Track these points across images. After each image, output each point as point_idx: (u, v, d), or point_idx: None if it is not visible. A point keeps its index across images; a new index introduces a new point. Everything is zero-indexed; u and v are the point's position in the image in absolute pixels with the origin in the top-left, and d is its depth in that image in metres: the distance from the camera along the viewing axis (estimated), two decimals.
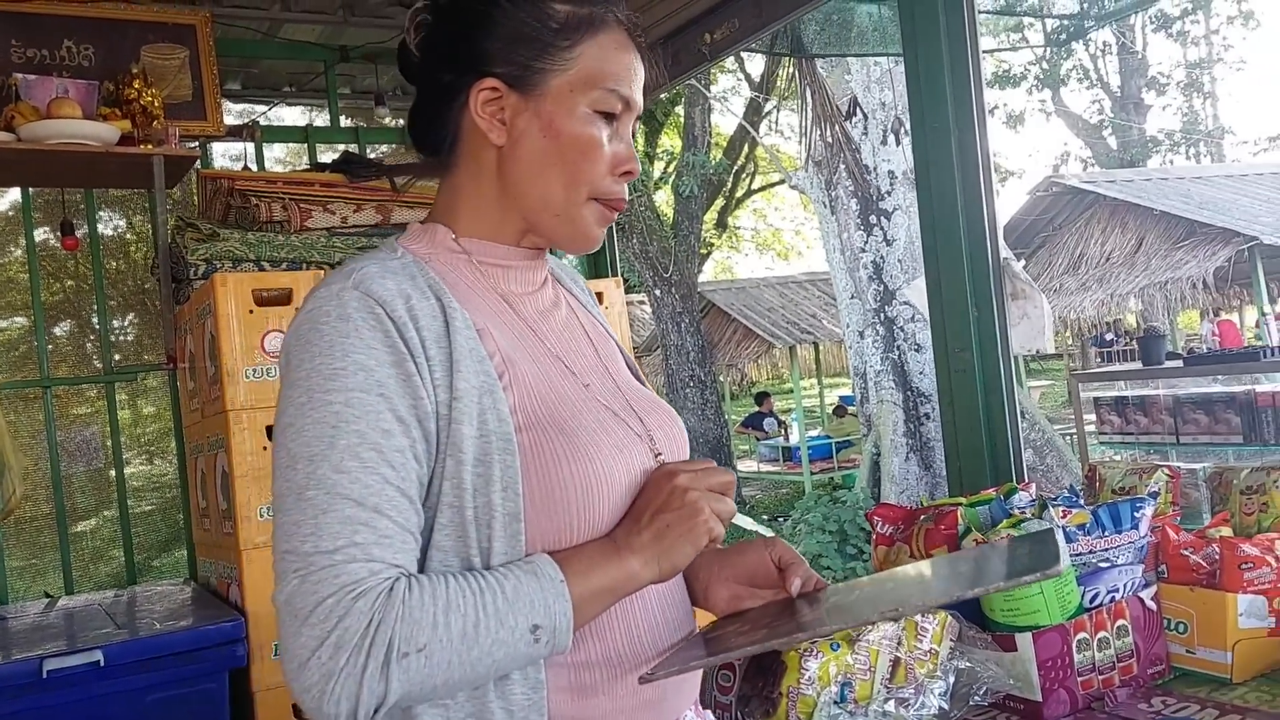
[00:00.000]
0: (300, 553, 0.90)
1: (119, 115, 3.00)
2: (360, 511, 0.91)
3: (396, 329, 0.97)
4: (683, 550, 1.01)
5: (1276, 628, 1.61)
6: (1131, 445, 4.19)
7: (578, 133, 1.07)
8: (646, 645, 1.07)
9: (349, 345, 0.95)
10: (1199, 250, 13.15)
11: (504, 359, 1.04)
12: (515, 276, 1.13)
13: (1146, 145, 24.64)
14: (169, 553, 3.73)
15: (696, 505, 1.01)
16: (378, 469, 0.93)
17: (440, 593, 0.91)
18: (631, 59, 1.11)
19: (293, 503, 0.93)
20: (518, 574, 0.95)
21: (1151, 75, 25.00)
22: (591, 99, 1.07)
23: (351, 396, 0.94)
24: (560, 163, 1.07)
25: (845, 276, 9.03)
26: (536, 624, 0.94)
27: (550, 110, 1.07)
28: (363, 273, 1.00)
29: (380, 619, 0.88)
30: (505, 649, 0.92)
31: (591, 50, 1.08)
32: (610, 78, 1.08)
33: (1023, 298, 2.38)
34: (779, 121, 17.58)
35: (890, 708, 1.53)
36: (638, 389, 1.20)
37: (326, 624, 0.87)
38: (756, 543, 1.18)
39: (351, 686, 0.86)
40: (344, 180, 3.00)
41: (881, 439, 8.81)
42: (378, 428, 0.94)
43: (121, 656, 2.23)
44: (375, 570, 0.90)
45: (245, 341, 2.51)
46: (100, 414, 3.48)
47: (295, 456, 0.94)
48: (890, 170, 8.56)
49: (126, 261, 3.87)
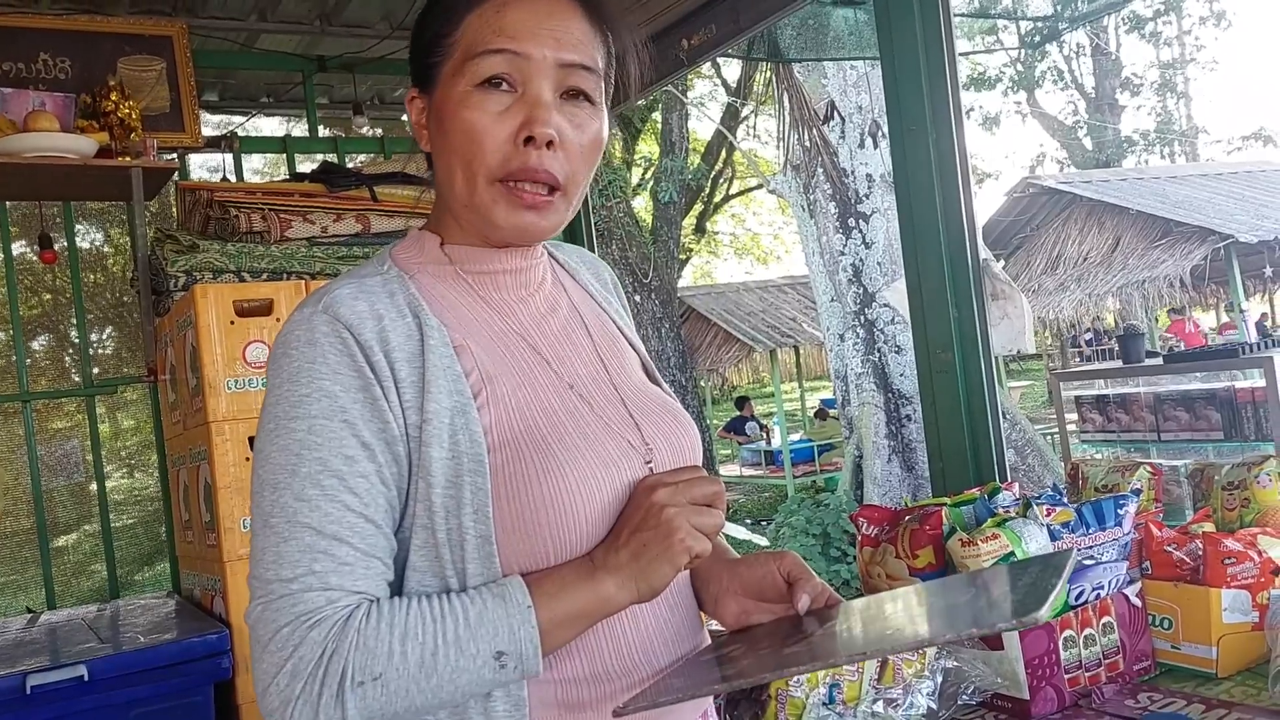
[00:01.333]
0: (263, 579, 0.91)
1: (96, 128, 2.99)
2: (319, 540, 0.91)
3: (363, 353, 0.96)
4: (660, 571, 0.97)
5: (1260, 622, 1.63)
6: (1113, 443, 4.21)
7: (458, 117, 1.02)
8: (639, 661, 1.05)
9: (315, 371, 0.95)
10: (1175, 249, 13.26)
11: (482, 376, 1.02)
12: (504, 282, 1.10)
13: (1121, 145, 24.83)
14: (151, 566, 3.70)
15: (673, 524, 0.96)
16: (339, 496, 0.93)
17: (399, 620, 0.91)
18: (528, 9, 1.02)
19: (259, 529, 0.94)
20: (485, 598, 0.94)
21: (1125, 76, 25.21)
22: (469, 74, 1.01)
23: (314, 424, 0.94)
24: (452, 154, 1.03)
25: (825, 280, 9.06)
26: (501, 650, 0.92)
27: (440, 103, 1.04)
28: (334, 295, 0.99)
29: (334, 648, 0.88)
30: (468, 676, 0.91)
31: (474, 23, 1.02)
32: (486, 39, 1.01)
33: (1003, 298, 2.40)
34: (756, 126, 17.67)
35: (879, 708, 1.54)
36: (645, 392, 1.15)
37: (283, 652, 0.88)
38: (766, 556, 1.13)
39: (308, 713, 0.87)
40: (323, 190, 3.00)
41: (863, 441, 8.84)
42: (340, 454, 0.93)
43: (106, 671, 2.22)
44: (333, 599, 0.90)
45: (227, 353, 2.50)
46: (80, 428, 3.46)
47: (263, 483, 0.94)
48: (868, 173, 8.60)
49: (105, 274, 3.86)
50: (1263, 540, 1.68)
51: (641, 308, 13.48)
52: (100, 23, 3.25)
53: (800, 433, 15.88)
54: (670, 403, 1.17)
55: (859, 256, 8.70)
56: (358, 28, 3.76)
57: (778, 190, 10.09)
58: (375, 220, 2.99)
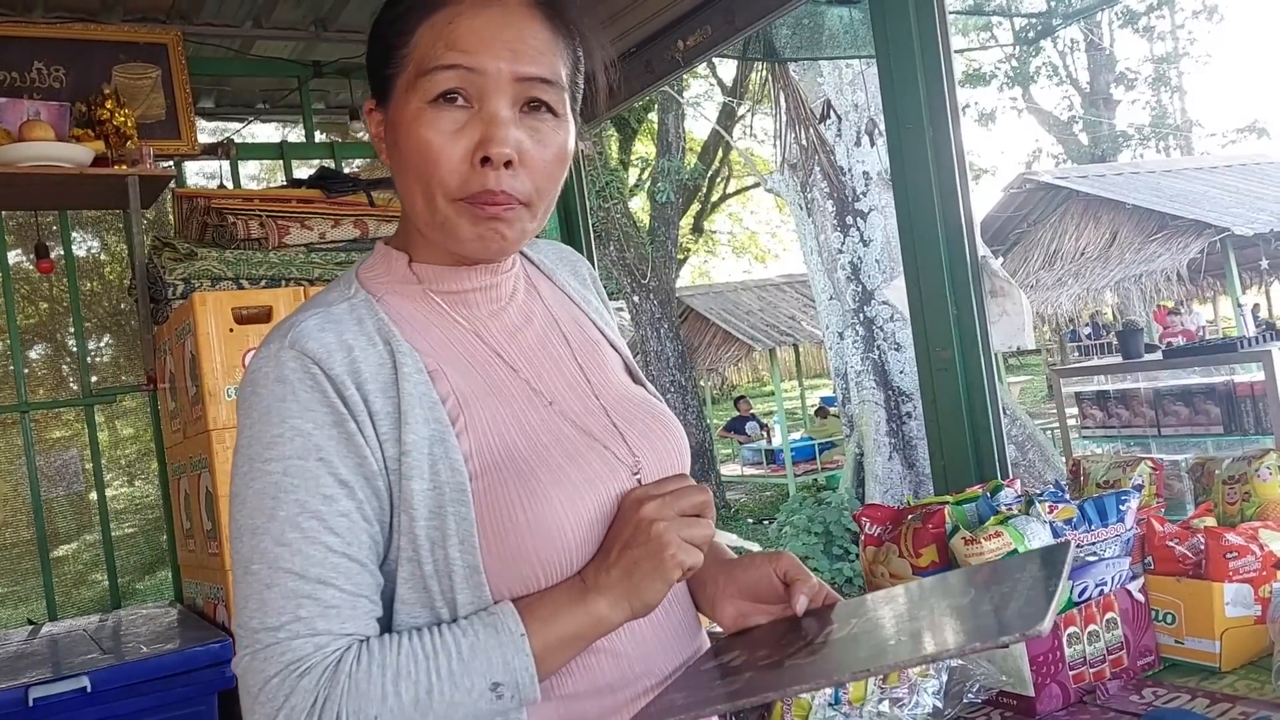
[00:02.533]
0: (249, 629, 0.89)
1: (92, 136, 2.99)
2: (303, 584, 0.89)
3: (335, 388, 0.93)
4: (653, 587, 0.95)
5: (1263, 615, 1.63)
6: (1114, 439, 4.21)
7: (411, 135, 0.97)
8: (640, 672, 1.03)
9: (286, 409, 0.92)
10: (1172, 243, 13.28)
11: (459, 401, 0.99)
12: (474, 299, 1.07)
13: (1117, 140, 24.83)
14: (153, 575, 3.69)
15: (663, 539, 0.94)
16: (320, 538, 0.90)
17: (390, 660, 0.89)
18: (480, 21, 0.97)
19: (241, 576, 0.91)
20: (476, 629, 0.92)
21: (1120, 71, 25.20)
22: (422, 90, 0.96)
23: (289, 464, 0.91)
24: (410, 172, 0.99)
25: (823, 278, 9.06)
26: (497, 681, 0.90)
27: (394, 118, 1.00)
28: (300, 329, 0.95)
29: (326, 696, 0.86)
30: (464, 710, 0.89)
31: (425, 35, 0.97)
32: (437, 54, 0.96)
33: (1002, 295, 2.39)
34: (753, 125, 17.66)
35: (885, 708, 1.54)
36: (628, 398, 1.13)
37: (274, 703, 0.86)
38: (762, 557, 1.11)
39: None
40: (321, 196, 3.01)
41: (864, 439, 8.84)
42: (319, 494, 0.91)
43: (109, 682, 2.22)
44: (321, 644, 0.88)
45: (226, 360, 2.50)
46: (79, 437, 3.45)
47: (240, 529, 0.92)
48: (865, 171, 8.60)
49: (102, 283, 3.84)
50: (1264, 534, 1.68)
51: (640, 308, 13.48)
52: (94, 31, 3.25)
53: (801, 431, 15.88)
54: (655, 405, 1.15)
55: (857, 254, 8.70)
56: (353, 33, 3.75)
57: (775, 189, 10.10)
58: (373, 225, 2.99)
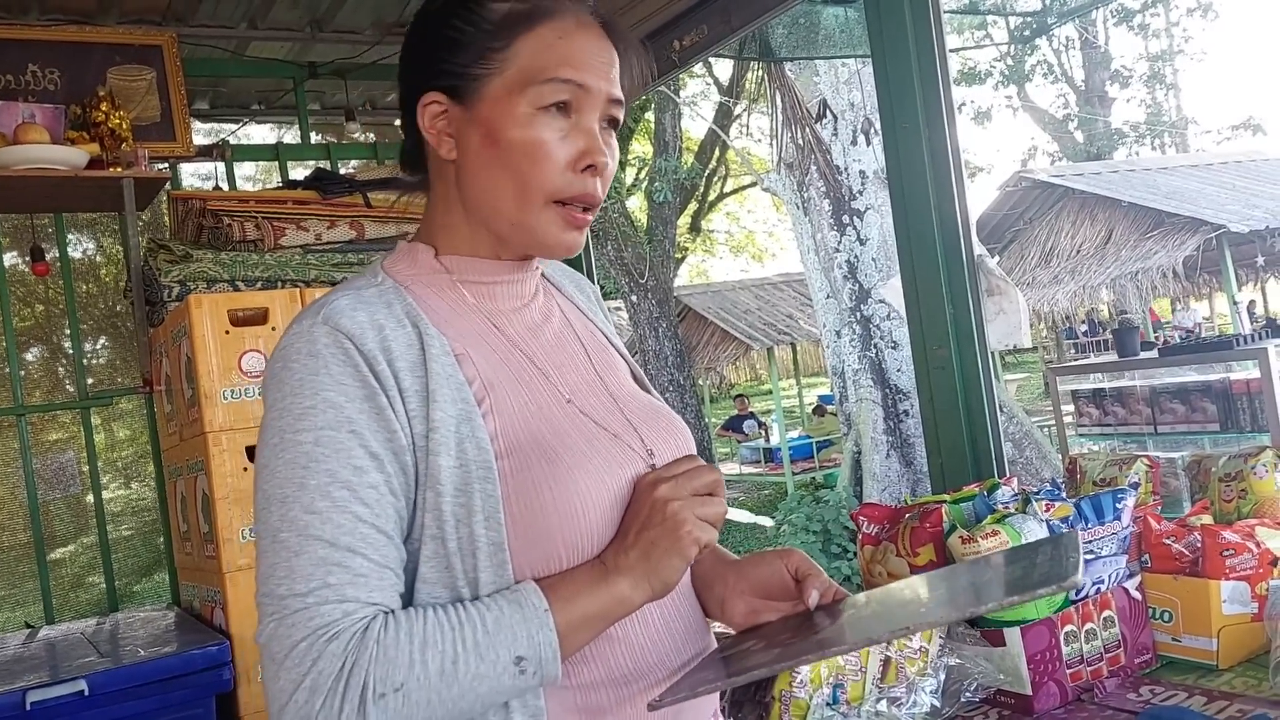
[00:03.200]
0: (275, 596, 0.90)
1: (87, 139, 2.98)
2: (333, 552, 0.90)
3: (367, 363, 0.95)
4: (671, 565, 0.98)
5: (1259, 613, 1.63)
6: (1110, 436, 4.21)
7: (519, 137, 1.02)
8: (653, 663, 1.05)
9: (319, 382, 0.94)
10: (1168, 240, 13.28)
11: (484, 384, 1.02)
12: (500, 292, 1.11)
13: (1112, 138, 24.84)
14: (150, 577, 3.69)
15: (679, 517, 0.97)
16: (350, 507, 0.92)
17: (417, 630, 0.90)
18: (588, 42, 1.05)
19: (268, 545, 0.92)
20: (500, 605, 0.93)
21: (1115, 69, 25.21)
22: (531, 97, 1.02)
23: (321, 435, 0.93)
24: (505, 170, 1.03)
25: (820, 277, 9.06)
26: (520, 655, 0.92)
27: (488, 116, 1.03)
28: (333, 306, 0.98)
29: (354, 661, 0.87)
30: (488, 683, 0.91)
31: (529, 45, 1.03)
32: (551, 68, 1.02)
33: (998, 293, 2.40)
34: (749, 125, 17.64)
35: (883, 707, 1.54)
36: (639, 399, 1.16)
37: (301, 668, 0.87)
38: (772, 554, 1.15)
39: None
40: (317, 197, 3.00)
41: (862, 437, 8.84)
42: (349, 465, 0.93)
43: (106, 685, 2.21)
44: (349, 611, 0.89)
45: (222, 362, 2.50)
46: (76, 439, 3.45)
47: (269, 498, 0.93)
48: (861, 170, 8.60)
49: (98, 285, 3.84)
50: (1261, 531, 1.68)
51: (638, 308, 13.48)
52: (89, 33, 3.24)
53: (799, 429, 15.89)
54: (665, 409, 1.18)
55: (854, 253, 8.70)
56: (348, 33, 3.75)
57: (772, 188, 10.09)
58: (369, 226, 2.98)
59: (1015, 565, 1.12)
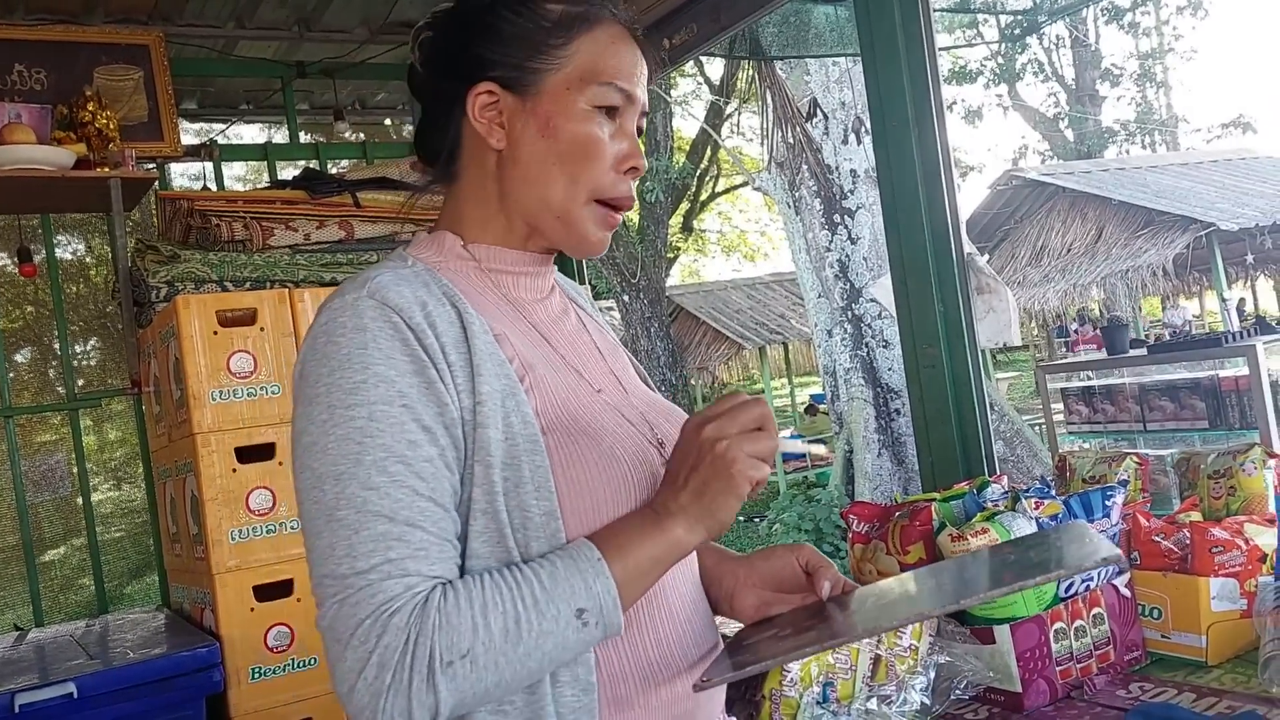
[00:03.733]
0: (337, 575, 0.90)
1: (74, 139, 2.97)
2: (393, 527, 0.90)
3: (415, 336, 0.96)
4: (726, 504, 0.96)
5: (1248, 610, 1.63)
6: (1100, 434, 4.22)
7: (576, 131, 1.05)
8: (676, 655, 1.06)
9: (368, 357, 0.94)
10: (1158, 238, 13.32)
11: (523, 363, 1.03)
12: (525, 284, 1.13)
13: (1103, 136, 24.90)
14: (140, 579, 3.68)
15: (729, 455, 0.95)
16: (407, 481, 0.92)
17: (476, 594, 0.90)
18: (631, 52, 1.10)
19: (324, 524, 0.91)
20: (554, 561, 0.94)
21: (1105, 67, 25.27)
22: (590, 95, 1.06)
23: (374, 410, 0.92)
24: (559, 163, 1.06)
25: (812, 276, 9.07)
26: (581, 607, 0.92)
27: (547, 110, 1.06)
28: (377, 281, 0.98)
29: (418, 632, 0.87)
30: (553, 639, 0.91)
31: (587, 46, 1.07)
32: (608, 72, 1.07)
33: (988, 292, 2.40)
34: (740, 124, 17.67)
35: (873, 705, 1.54)
36: (649, 396, 1.19)
37: (366, 645, 0.87)
38: (782, 549, 1.17)
39: (401, 703, 0.86)
40: (305, 197, 2.99)
41: (853, 436, 8.85)
42: (403, 439, 0.92)
43: (95, 688, 2.20)
44: (410, 585, 0.89)
45: (211, 363, 2.49)
46: (65, 441, 3.43)
47: (322, 476, 0.92)
48: (852, 169, 8.61)
49: (87, 286, 3.82)
50: (1249, 528, 1.69)
51: (630, 308, 13.47)
52: (76, 32, 3.23)
53: (791, 428, 15.90)
54: (672, 405, 1.21)
55: (845, 252, 8.71)
56: (337, 33, 3.74)
57: (763, 187, 10.11)
58: (359, 226, 2.97)
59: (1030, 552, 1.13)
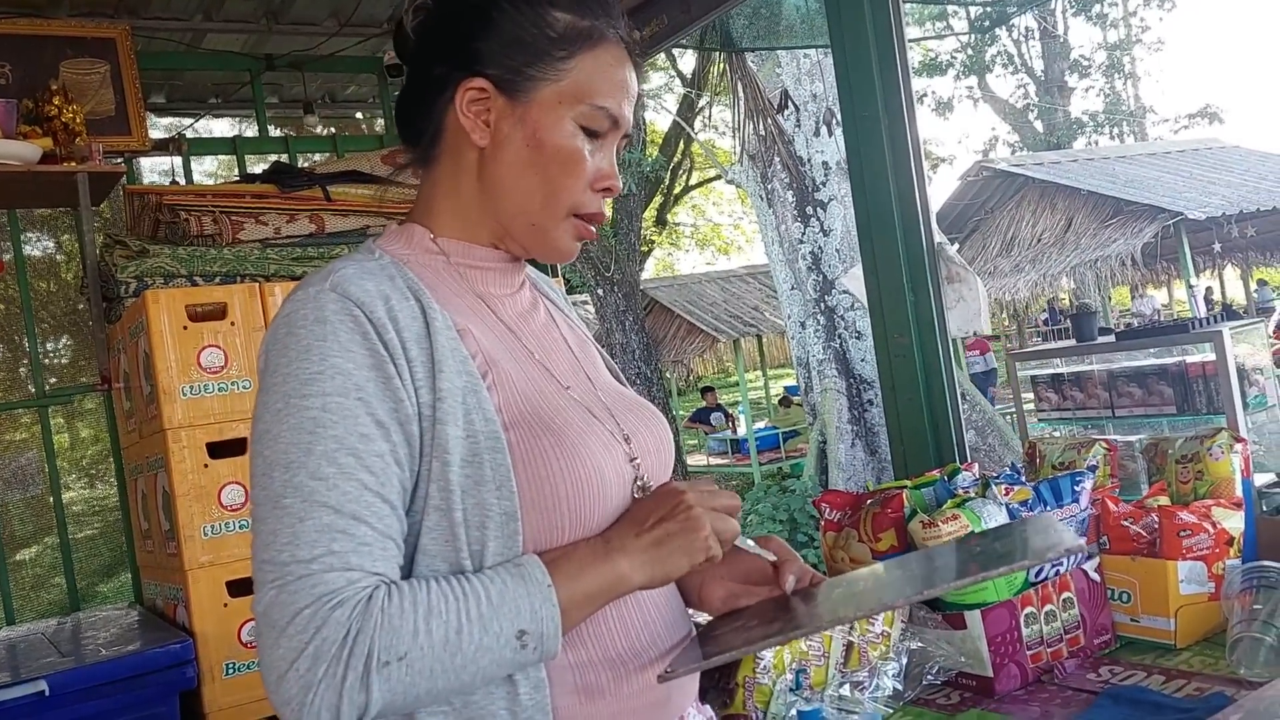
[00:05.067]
0: (277, 562, 0.89)
1: (40, 133, 2.93)
2: (338, 519, 0.90)
3: (375, 331, 0.96)
4: (677, 562, 0.99)
5: (1216, 592, 1.65)
6: (1069, 421, 4.26)
7: (561, 145, 1.06)
8: (646, 645, 1.07)
9: (326, 348, 0.94)
10: (1126, 228, 13.46)
11: (486, 359, 1.03)
12: (494, 279, 1.12)
13: (1072, 127, 25.08)
14: (113, 577, 3.65)
15: (700, 521, 0.99)
16: (356, 474, 0.91)
17: (421, 599, 0.90)
18: (627, 77, 1.10)
19: (269, 511, 0.91)
20: (504, 577, 0.93)
21: (1074, 58, 25.45)
22: (579, 113, 1.06)
23: (329, 401, 0.92)
24: (540, 173, 1.06)
25: (785, 268, 9.09)
26: (523, 629, 0.92)
27: (536, 119, 1.06)
28: (340, 274, 0.98)
29: (359, 629, 0.86)
30: (490, 655, 0.91)
31: (587, 64, 1.07)
32: (601, 94, 1.07)
33: (958, 281, 2.42)
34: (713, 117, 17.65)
35: (845, 691, 1.55)
36: (618, 391, 1.19)
37: (304, 635, 0.86)
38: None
39: (331, 698, 0.85)
40: (276, 191, 2.97)
41: (827, 427, 8.88)
42: (356, 432, 0.92)
43: (67, 685, 2.18)
44: (353, 579, 0.89)
45: (181, 358, 2.47)
46: (35, 439, 3.40)
47: (272, 464, 0.92)
48: (824, 161, 8.63)
49: (56, 282, 3.79)
50: (1216, 512, 1.71)
51: (604, 301, 13.46)
52: (40, 25, 3.19)
53: (765, 420, 15.94)
54: (642, 400, 1.21)
55: (817, 244, 8.73)
56: (305, 25, 3.71)
57: (736, 180, 10.12)
58: (330, 220, 2.95)
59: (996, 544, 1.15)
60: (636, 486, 1.08)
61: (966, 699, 1.58)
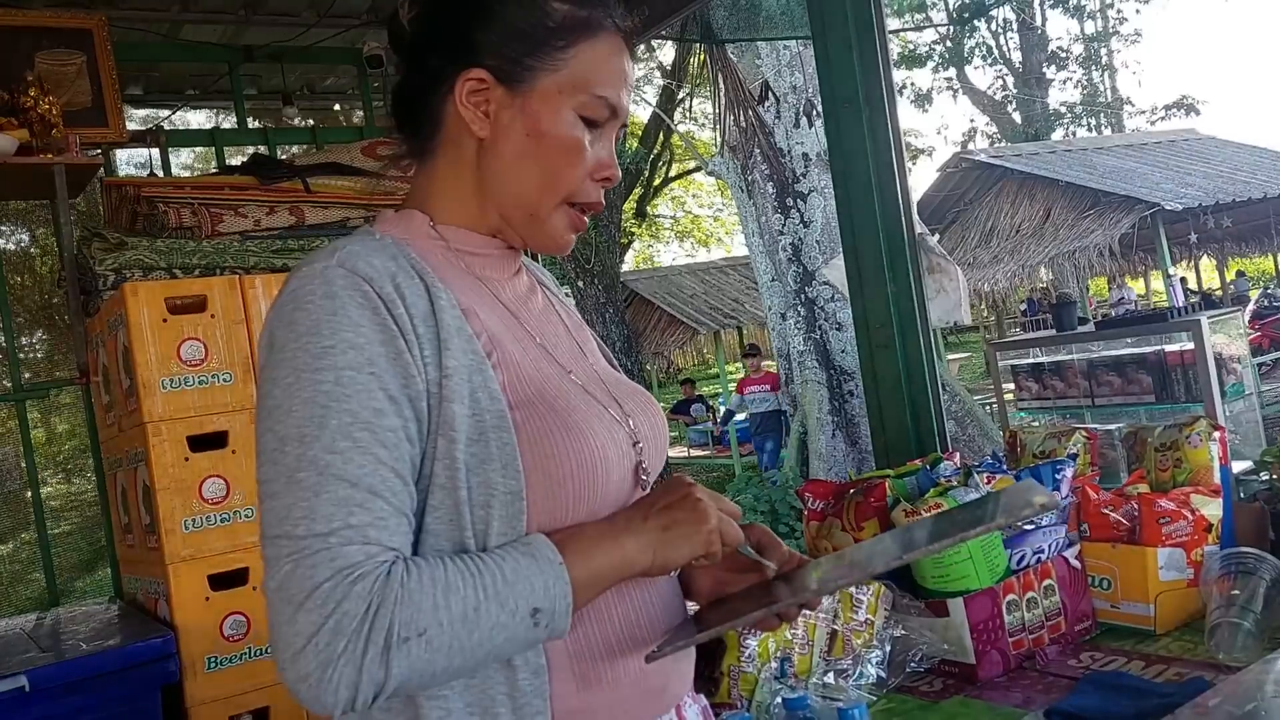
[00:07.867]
0: (293, 536, 0.87)
1: (15, 125, 2.90)
2: (355, 493, 0.89)
3: (385, 306, 0.95)
4: (681, 549, 1.00)
5: (1195, 579, 1.67)
6: (1049, 410, 4.27)
7: (561, 135, 1.06)
8: (645, 634, 1.07)
9: (337, 323, 0.93)
10: (1104, 218, 13.53)
11: (491, 339, 1.03)
12: (492, 264, 1.12)
13: (1050, 119, 25.20)
14: (92, 572, 3.63)
15: (708, 513, 1.01)
16: (371, 449, 0.90)
17: (439, 575, 0.89)
18: (625, 67, 1.11)
19: (283, 486, 0.89)
20: (515, 555, 0.93)
21: (1051, 50, 25.56)
22: (579, 103, 1.07)
23: (342, 375, 0.91)
24: (539, 163, 1.06)
25: (765, 260, 9.10)
26: (536, 607, 0.92)
27: (536, 109, 1.06)
28: (347, 251, 0.98)
29: (379, 603, 0.85)
30: (505, 633, 0.91)
31: (586, 54, 1.07)
32: (600, 84, 1.07)
33: (939, 271, 2.43)
34: (693, 109, 17.65)
35: (830, 679, 1.56)
36: (615, 376, 1.20)
37: (324, 609, 0.84)
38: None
39: (351, 674, 0.84)
40: (255, 182, 2.95)
41: (808, 418, 8.91)
42: (370, 407, 0.91)
43: (48, 680, 2.17)
44: (372, 553, 0.88)
45: (160, 351, 2.45)
46: (12, 434, 3.37)
47: (284, 438, 0.91)
48: (804, 153, 8.64)
49: (33, 275, 3.76)
50: (1195, 499, 1.73)
51: (585, 293, 13.44)
52: (15, 15, 3.16)
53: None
54: (637, 386, 1.21)
55: (798, 235, 8.75)
56: (284, 16, 3.69)
57: (716, 172, 10.11)
58: (309, 212, 2.94)
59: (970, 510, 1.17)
60: (641, 470, 1.09)
61: (949, 686, 1.59)
